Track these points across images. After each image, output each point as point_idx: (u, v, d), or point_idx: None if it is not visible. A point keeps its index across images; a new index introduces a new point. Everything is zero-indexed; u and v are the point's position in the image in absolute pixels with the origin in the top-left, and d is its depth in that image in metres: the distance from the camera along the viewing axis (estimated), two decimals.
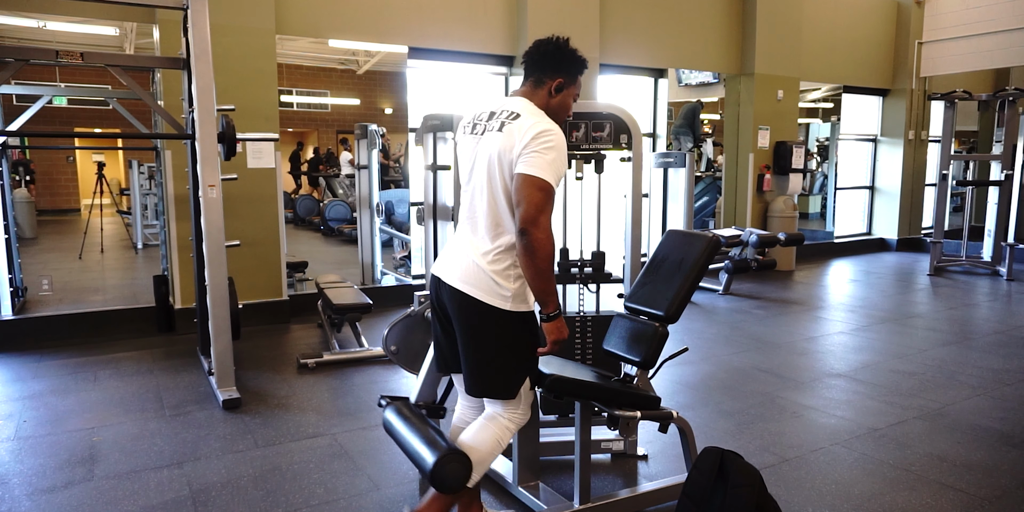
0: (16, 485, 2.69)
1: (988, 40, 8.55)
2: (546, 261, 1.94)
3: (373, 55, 7.39)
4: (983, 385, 3.88)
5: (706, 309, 5.90)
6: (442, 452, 1.95)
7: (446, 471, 1.94)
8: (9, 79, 3.80)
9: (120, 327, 4.91)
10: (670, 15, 7.20)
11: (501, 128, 2.02)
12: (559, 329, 2.06)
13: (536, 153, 1.93)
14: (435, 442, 2.01)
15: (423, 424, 2.15)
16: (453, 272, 2.08)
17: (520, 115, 2.02)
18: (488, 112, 2.11)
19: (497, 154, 2.00)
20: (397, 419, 2.21)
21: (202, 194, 3.57)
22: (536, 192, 1.92)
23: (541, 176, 1.92)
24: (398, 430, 2.17)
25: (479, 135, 2.09)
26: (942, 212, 7.76)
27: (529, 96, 2.13)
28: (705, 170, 8.96)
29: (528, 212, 1.91)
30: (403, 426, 2.16)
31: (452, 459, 1.96)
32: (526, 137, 1.95)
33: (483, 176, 2.05)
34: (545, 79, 2.12)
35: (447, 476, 1.95)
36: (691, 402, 3.61)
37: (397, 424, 2.19)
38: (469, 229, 2.11)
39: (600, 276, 2.97)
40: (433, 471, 1.93)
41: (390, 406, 2.30)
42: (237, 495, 2.60)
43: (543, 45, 2.12)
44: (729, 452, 2.16)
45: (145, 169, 8.76)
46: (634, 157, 2.89)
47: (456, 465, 1.96)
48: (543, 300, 2.02)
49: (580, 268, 2.96)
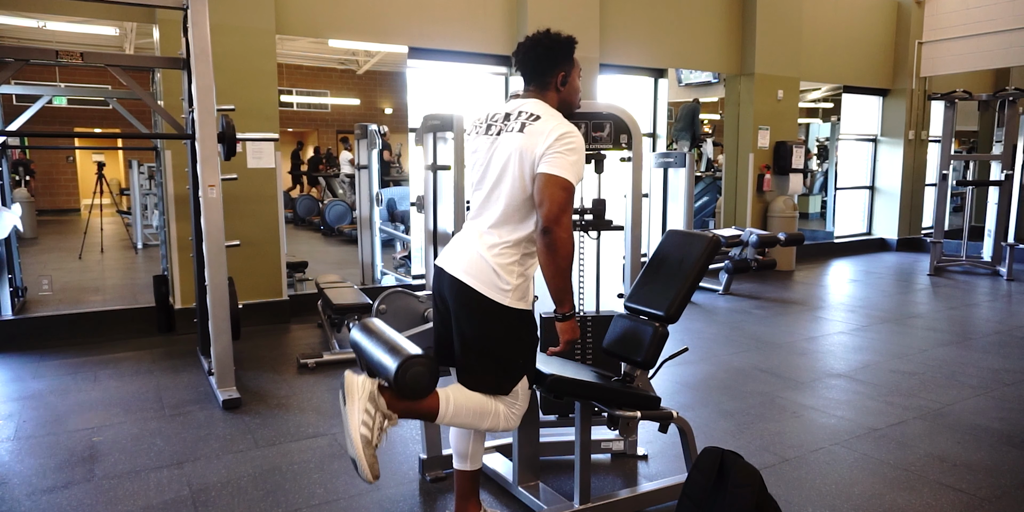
0: (16, 485, 2.69)
1: (988, 40, 8.55)
2: (567, 259, 2.00)
3: (373, 55, 7.39)
4: (983, 385, 3.88)
5: (706, 309, 5.90)
6: (406, 356, 1.89)
7: (409, 373, 1.88)
8: (9, 79, 3.80)
9: (120, 327, 4.91)
10: (670, 15, 7.20)
11: (522, 129, 2.06)
12: (572, 329, 2.11)
13: (559, 154, 1.98)
14: (400, 349, 1.93)
15: (391, 336, 2.06)
16: (457, 263, 2.10)
17: (540, 117, 2.07)
18: (503, 113, 2.15)
19: (518, 153, 2.03)
20: (362, 335, 2.12)
21: (202, 194, 3.57)
22: (559, 191, 1.97)
23: (564, 176, 1.98)
24: (364, 345, 2.08)
25: (495, 135, 2.13)
26: (942, 212, 7.76)
27: (541, 97, 2.17)
28: (705, 170, 8.96)
29: (551, 211, 1.96)
30: (368, 340, 2.07)
31: (416, 362, 1.89)
32: (549, 138, 2.00)
33: (499, 174, 2.08)
34: (548, 79, 2.16)
35: (408, 377, 1.88)
36: (691, 402, 3.61)
37: (363, 340, 2.10)
38: (479, 223, 2.14)
39: (601, 223, 2.94)
40: (396, 373, 1.86)
41: (356, 323, 2.22)
42: (237, 495, 2.60)
43: (531, 49, 2.14)
44: (729, 452, 2.16)
45: (145, 169, 8.76)
46: (634, 157, 2.89)
47: (419, 368, 1.89)
48: (559, 298, 2.07)
49: (581, 214, 2.93)
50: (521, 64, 2.18)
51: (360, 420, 1.89)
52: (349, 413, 1.91)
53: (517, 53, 2.18)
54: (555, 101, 2.17)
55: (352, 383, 1.95)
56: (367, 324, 2.19)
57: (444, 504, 2.56)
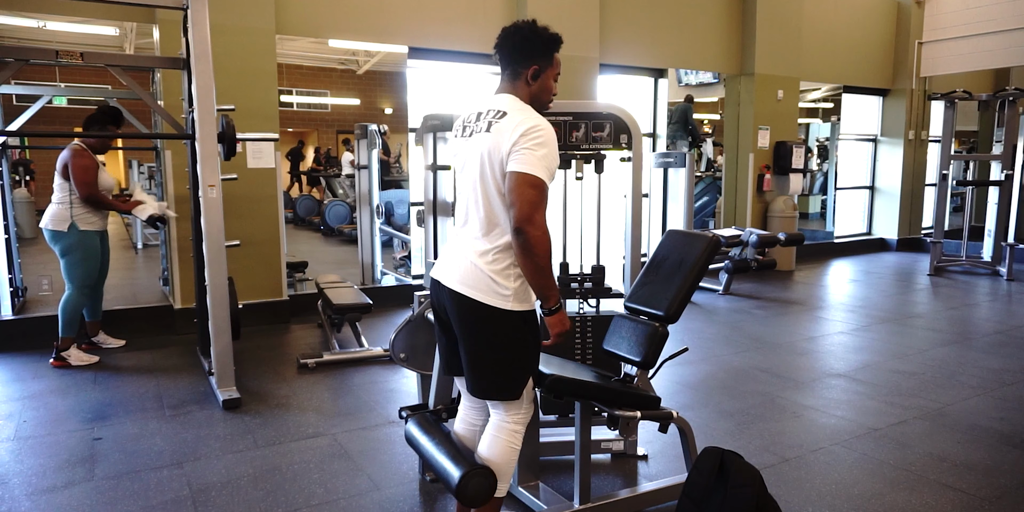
0: (16, 485, 2.69)
1: (988, 40, 8.55)
2: (544, 258, 1.95)
3: (373, 55, 7.40)
4: (983, 385, 3.88)
5: (706, 309, 5.90)
6: (466, 468, 2.03)
7: (470, 486, 2.02)
8: (9, 79, 3.80)
9: (120, 327, 4.91)
10: (670, 15, 7.19)
11: (489, 128, 2.01)
12: (562, 321, 2.09)
13: (526, 150, 1.92)
14: (459, 458, 2.09)
15: (446, 439, 2.22)
16: (452, 275, 2.07)
17: (507, 113, 2.01)
18: (476, 113, 2.11)
19: (488, 153, 1.99)
20: (420, 433, 2.28)
21: (202, 194, 3.57)
22: (529, 189, 1.91)
23: (533, 173, 1.92)
24: (423, 445, 2.24)
25: (468, 138, 2.09)
26: (942, 212, 7.76)
27: (511, 91, 2.11)
28: (705, 170, 8.97)
29: (522, 210, 1.91)
30: (427, 440, 2.24)
31: (476, 474, 2.03)
32: (515, 134, 1.94)
33: (475, 177, 2.04)
34: (520, 70, 2.09)
35: (470, 490, 2.02)
36: (691, 402, 3.61)
37: (421, 438, 2.26)
38: (466, 231, 2.11)
39: (600, 290, 2.97)
40: (459, 486, 2.01)
41: (412, 418, 2.35)
42: (237, 495, 2.60)
43: (511, 36, 2.09)
44: (729, 452, 2.16)
45: (145, 169, 8.77)
46: (634, 157, 2.89)
47: (479, 479, 2.03)
48: (544, 295, 2.03)
49: (580, 283, 2.96)
50: (499, 48, 2.12)
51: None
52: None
53: (498, 39, 2.12)
54: (526, 95, 2.09)
55: None
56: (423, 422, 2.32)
57: (444, 504, 2.56)
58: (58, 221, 4.10)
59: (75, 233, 4.11)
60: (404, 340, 2.76)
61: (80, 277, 4.15)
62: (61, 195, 4.11)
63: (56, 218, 4.10)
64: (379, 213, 6.48)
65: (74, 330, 4.20)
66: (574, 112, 2.80)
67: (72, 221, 4.10)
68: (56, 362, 4.17)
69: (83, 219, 4.13)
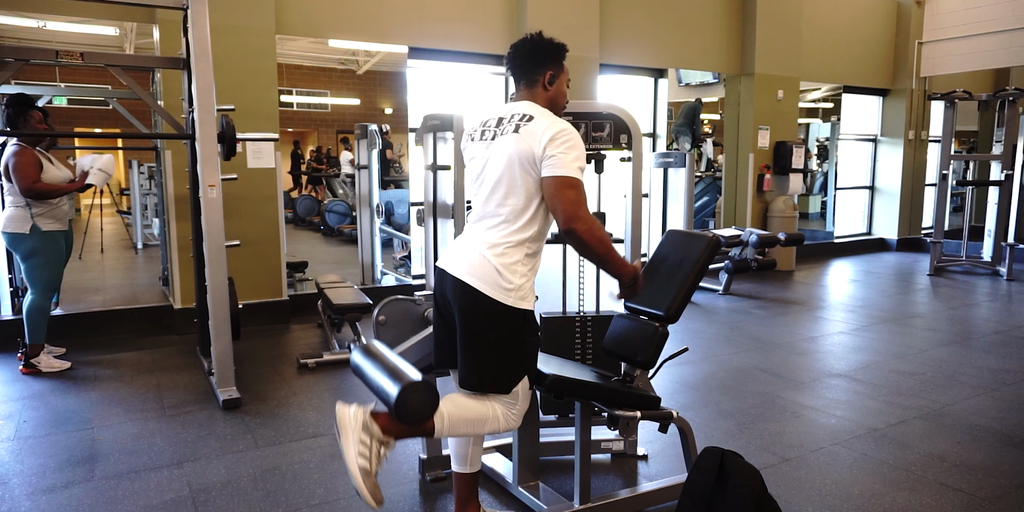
0: (16, 485, 2.69)
1: (988, 40, 8.55)
2: (602, 247, 2.07)
3: (373, 55, 7.40)
4: (983, 385, 3.88)
5: (706, 309, 5.90)
6: (412, 381, 1.88)
7: (411, 400, 1.87)
8: (9, 79, 3.80)
9: (120, 327, 4.91)
10: (670, 15, 7.20)
11: (517, 130, 2.08)
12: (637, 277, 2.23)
13: (560, 154, 2.01)
14: (403, 374, 1.93)
15: (389, 360, 2.05)
16: (459, 264, 2.11)
17: (533, 117, 2.09)
18: (496, 118, 2.18)
19: (517, 154, 2.06)
20: (363, 359, 2.11)
21: (202, 194, 3.57)
22: (569, 191, 2.01)
23: (568, 174, 2.01)
24: (365, 370, 2.07)
25: (489, 140, 2.15)
26: (942, 212, 7.76)
27: (530, 98, 2.20)
28: (705, 170, 8.97)
29: (567, 211, 2.00)
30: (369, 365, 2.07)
31: (417, 389, 1.87)
32: (544, 138, 2.02)
33: (499, 177, 2.09)
34: (535, 77, 2.19)
35: (409, 403, 1.87)
36: (691, 402, 3.61)
37: (364, 364, 2.10)
38: (480, 227, 2.15)
39: None
40: (398, 396, 1.86)
41: (357, 346, 2.21)
42: (237, 495, 2.60)
43: (520, 48, 2.20)
44: (729, 452, 2.16)
45: (145, 169, 8.76)
46: (634, 157, 2.89)
47: (420, 394, 1.88)
48: (618, 274, 2.18)
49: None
50: (510, 62, 2.22)
51: (356, 452, 1.91)
52: (345, 447, 1.93)
53: (508, 52, 2.22)
54: (544, 100, 2.20)
55: (344, 416, 1.97)
56: (367, 348, 2.17)
57: (444, 504, 2.56)
58: (18, 223, 3.92)
59: (37, 235, 3.94)
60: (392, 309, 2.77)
61: (45, 281, 4.02)
62: (14, 198, 3.94)
63: (16, 220, 3.92)
64: (379, 213, 6.48)
65: (42, 335, 4.06)
66: (574, 112, 2.80)
67: (33, 222, 3.92)
68: (25, 369, 4.04)
69: (45, 219, 3.97)
